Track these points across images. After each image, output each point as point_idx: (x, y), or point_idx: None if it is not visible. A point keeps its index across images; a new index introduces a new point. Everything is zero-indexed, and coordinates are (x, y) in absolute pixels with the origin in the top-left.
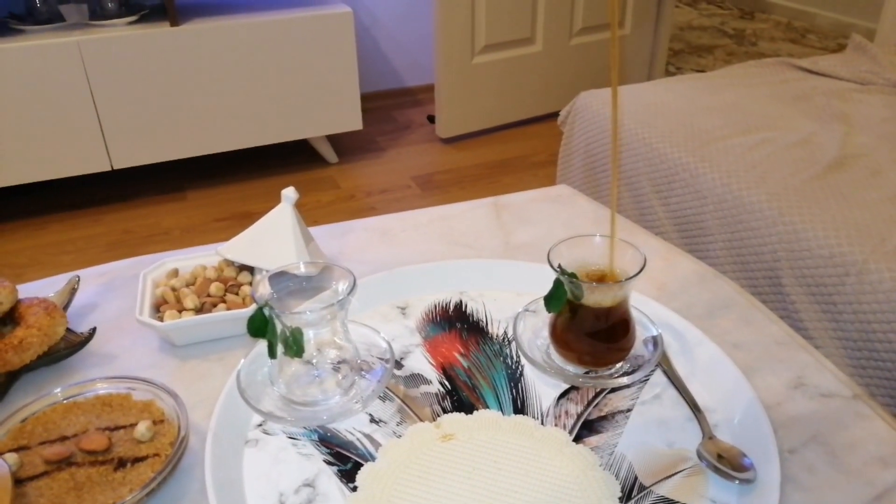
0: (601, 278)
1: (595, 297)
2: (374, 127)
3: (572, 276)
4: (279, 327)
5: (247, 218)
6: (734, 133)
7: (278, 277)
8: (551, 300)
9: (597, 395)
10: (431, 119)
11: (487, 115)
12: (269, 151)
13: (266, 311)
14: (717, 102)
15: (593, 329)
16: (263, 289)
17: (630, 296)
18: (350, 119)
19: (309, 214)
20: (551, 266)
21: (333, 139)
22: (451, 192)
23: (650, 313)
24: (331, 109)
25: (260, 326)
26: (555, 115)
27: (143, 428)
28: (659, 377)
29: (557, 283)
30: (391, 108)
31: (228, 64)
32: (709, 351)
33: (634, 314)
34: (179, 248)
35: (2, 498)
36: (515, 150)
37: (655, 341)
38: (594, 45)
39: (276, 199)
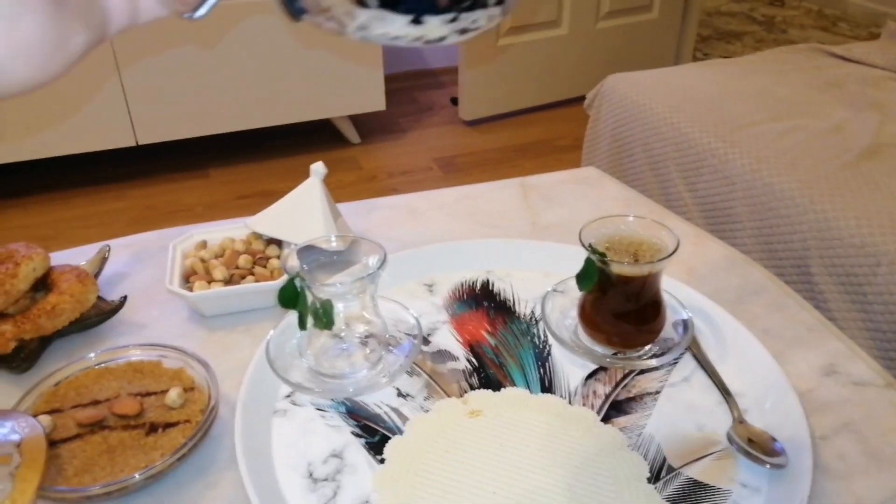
0: (633, 257)
1: (626, 275)
2: (397, 108)
3: (602, 255)
4: (310, 299)
5: (269, 196)
6: (765, 119)
7: (307, 251)
8: (583, 279)
9: (625, 376)
10: (454, 101)
11: (511, 99)
12: (291, 130)
13: (297, 283)
14: (748, 88)
15: (623, 310)
16: (294, 261)
17: (661, 278)
18: (373, 100)
19: (331, 194)
20: (583, 245)
21: (356, 119)
22: (473, 174)
23: (680, 296)
24: (354, 90)
25: (291, 297)
26: (579, 99)
27: (174, 395)
28: (688, 360)
29: (589, 263)
30: (414, 90)
31: (254, 42)
32: (740, 335)
33: (664, 297)
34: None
35: (37, 458)
36: (538, 134)
37: (686, 324)
38: (621, 28)
39: (299, 178)
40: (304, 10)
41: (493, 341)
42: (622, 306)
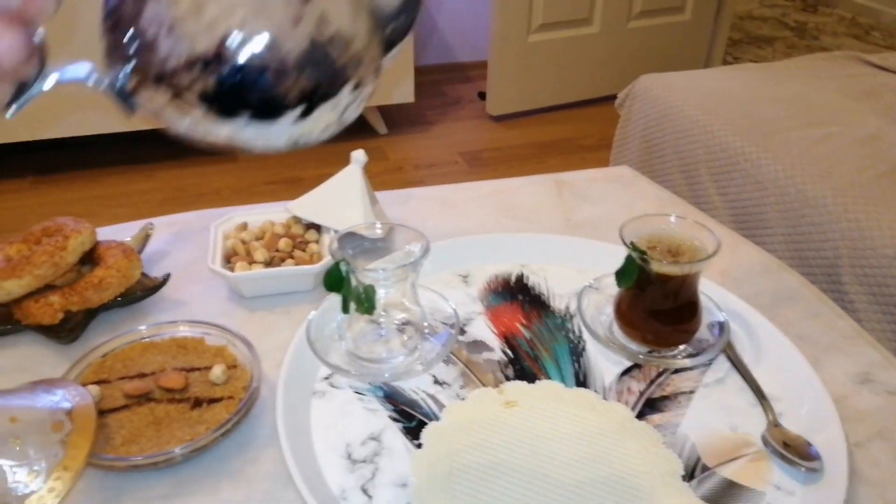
0: (673, 256)
1: (665, 274)
2: (424, 101)
3: (643, 253)
4: (353, 283)
5: (296, 183)
6: (799, 125)
7: (349, 237)
8: (622, 276)
9: (659, 374)
10: (482, 95)
11: (539, 95)
12: None
13: (343, 267)
14: (782, 93)
15: (660, 309)
16: (340, 246)
17: (699, 279)
18: (403, 91)
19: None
20: (624, 242)
21: (384, 110)
22: (499, 169)
23: (715, 298)
24: (384, 81)
25: (336, 281)
26: (607, 98)
27: (218, 371)
28: (722, 361)
29: (629, 260)
30: (442, 83)
31: None
32: (775, 340)
33: (701, 298)
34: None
35: (87, 426)
36: (565, 132)
37: (722, 326)
38: (652, 28)
39: (325, 166)
40: (136, 107)
41: (528, 334)
42: (659, 305)
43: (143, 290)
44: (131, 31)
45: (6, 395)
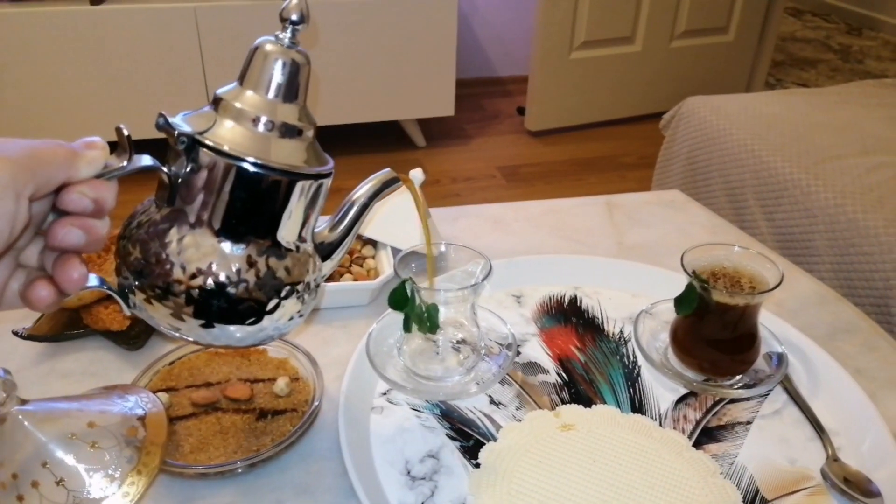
0: (733, 286)
1: (725, 304)
2: (463, 114)
3: (705, 282)
4: (417, 302)
5: (335, 193)
6: (850, 153)
7: (410, 255)
8: (682, 303)
9: (715, 403)
10: (521, 111)
11: (578, 112)
12: (358, 129)
13: (408, 286)
14: (833, 120)
15: (718, 338)
16: (406, 265)
17: (759, 310)
18: (443, 104)
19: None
20: (685, 270)
21: (423, 123)
22: (537, 185)
23: (771, 328)
24: (425, 93)
25: (400, 300)
26: (647, 117)
27: (282, 383)
28: (778, 393)
29: (689, 288)
30: (481, 97)
31: (331, 41)
32: (834, 373)
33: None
34: None
35: (160, 433)
36: (604, 150)
37: (780, 357)
38: (695, 49)
39: (363, 177)
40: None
41: (583, 357)
42: (717, 334)
43: None
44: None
45: (84, 400)
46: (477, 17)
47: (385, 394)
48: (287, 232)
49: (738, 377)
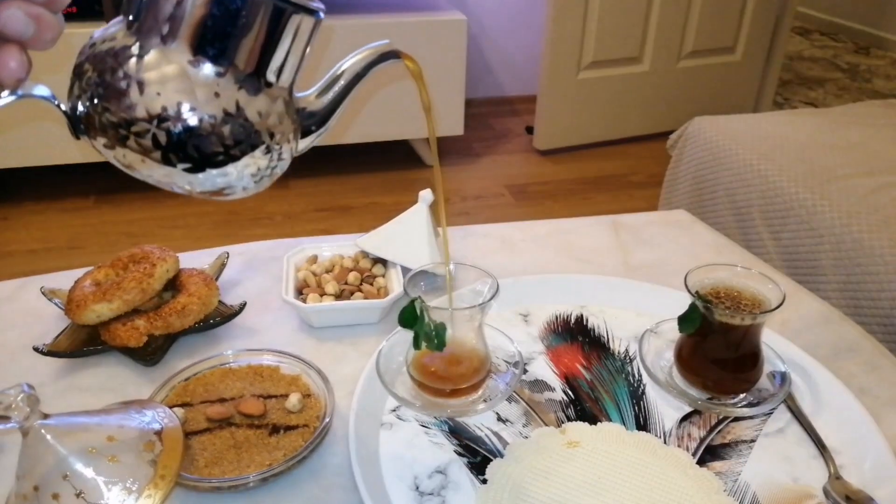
0: (736, 306)
1: (728, 323)
2: (472, 133)
3: (708, 302)
4: (426, 320)
5: (345, 211)
6: (857, 173)
7: (419, 275)
8: (685, 322)
9: (719, 421)
10: (529, 130)
11: (586, 131)
12: (368, 148)
13: (418, 305)
14: (839, 140)
15: (721, 357)
16: (416, 283)
17: (762, 330)
18: (452, 124)
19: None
20: (689, 290)
21: None
22: (545, 204)
23: (775, 347)
24: (435, 114)
25: (410, 318)
26: (655, 136)
27: (294, 399)
28: (782, 412)
29: (693, 307)
30: (489, 116)
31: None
32: (836, 392)
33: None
34: (282, 232)
35: (175, 447)
36: (612, 169)
37: (783, 376)
38: (702, 68)
39: (374, 195)
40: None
41: (589, 376)
42: (721, 353)
43: (221, 317)
44: (96, 79)
45: (104, 415)
46: (485, 37)
47: (394, 410)
48: (264, 67)
49: (741, 396)
